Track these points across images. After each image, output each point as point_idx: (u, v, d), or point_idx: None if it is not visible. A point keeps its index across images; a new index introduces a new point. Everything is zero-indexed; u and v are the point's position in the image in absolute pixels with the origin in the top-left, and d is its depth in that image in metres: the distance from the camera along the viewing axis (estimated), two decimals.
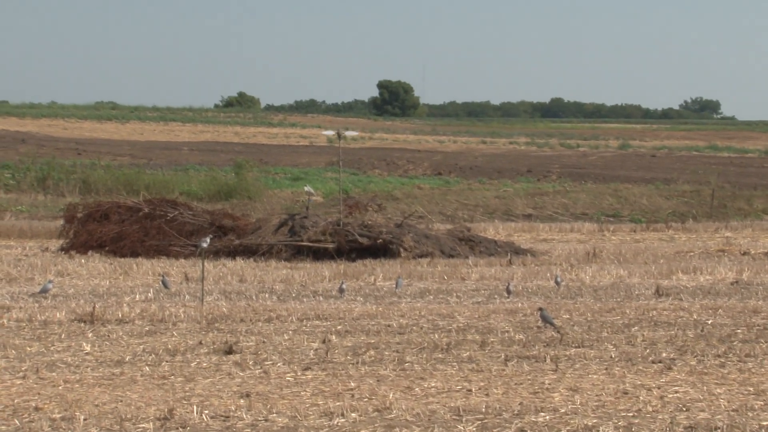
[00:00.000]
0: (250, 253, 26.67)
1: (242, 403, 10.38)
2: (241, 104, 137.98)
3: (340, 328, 14.98)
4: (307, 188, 32.99)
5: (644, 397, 10.55)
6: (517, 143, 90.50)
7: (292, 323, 15.46)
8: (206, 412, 9.97)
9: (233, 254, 26.55)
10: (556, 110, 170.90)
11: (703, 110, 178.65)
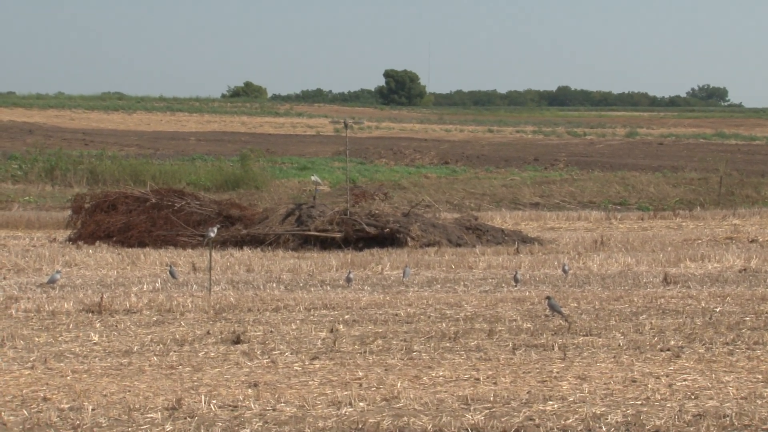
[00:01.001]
0: (257, 242, 26.69)
1: (250, 392, 10.38)
2: (247, 94, 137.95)
3: (347, 317, 14.98)
4: (313, 178, 33.00)
5: (652, 385, 10.53)
6: (524, 132, 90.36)
7: (299, 313, 15.46)
8: (214, 401, 9.97)
9: (240, 244, 26.57)
10: (562, 98, 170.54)
11: (710, 98, 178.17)
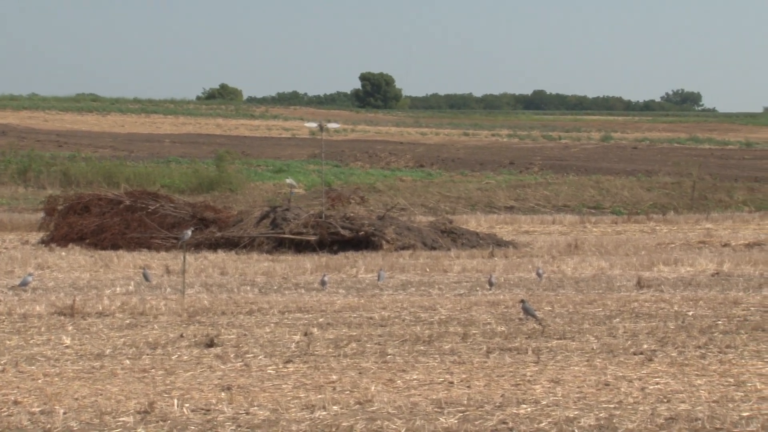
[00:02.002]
0: (231, 245, 26.61)
1: (223, 396, 10.33)
2: (223, 96, 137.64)
3: (321, 320, 14.95)
4: (288, 180, 33.00)
5: (625, 388, 10.56)
6: (499, 135, 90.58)
7: (273, 316, 15.42)
8: (187, 405, 9.92)
9: (215, 247, 26.49)
10: (538, 102, 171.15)
11: (684, 102, 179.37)
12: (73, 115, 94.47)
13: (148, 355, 12.45)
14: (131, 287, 18.71)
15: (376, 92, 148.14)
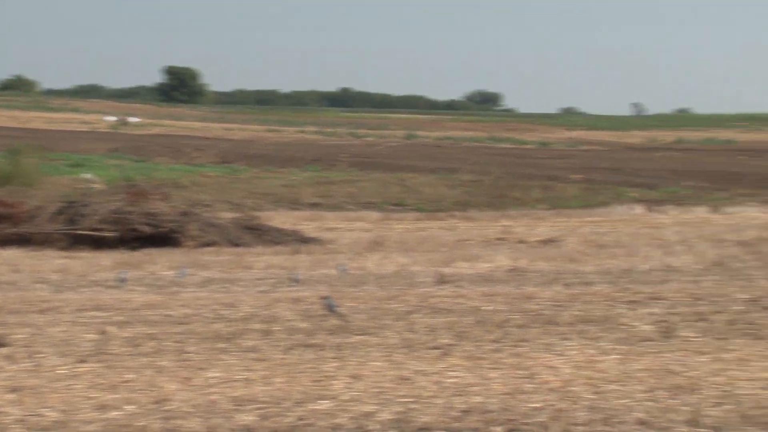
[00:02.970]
0: (25, 242, 25.63)
1: (11, 397, 9.92)
2: (18, 88, 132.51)
3: (118, 318, 14.56)
4: (87, 175, 32.01)
5: (423, 382, 10.73)
6: (305, 132, 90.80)
7: (68, 314, 14.91)
8: None
9: (7, 243, 25.45)
10: (345, 100, 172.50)
11: (485, 102, 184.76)
12: None
13: None
14: None
15: (181, 86, 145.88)
